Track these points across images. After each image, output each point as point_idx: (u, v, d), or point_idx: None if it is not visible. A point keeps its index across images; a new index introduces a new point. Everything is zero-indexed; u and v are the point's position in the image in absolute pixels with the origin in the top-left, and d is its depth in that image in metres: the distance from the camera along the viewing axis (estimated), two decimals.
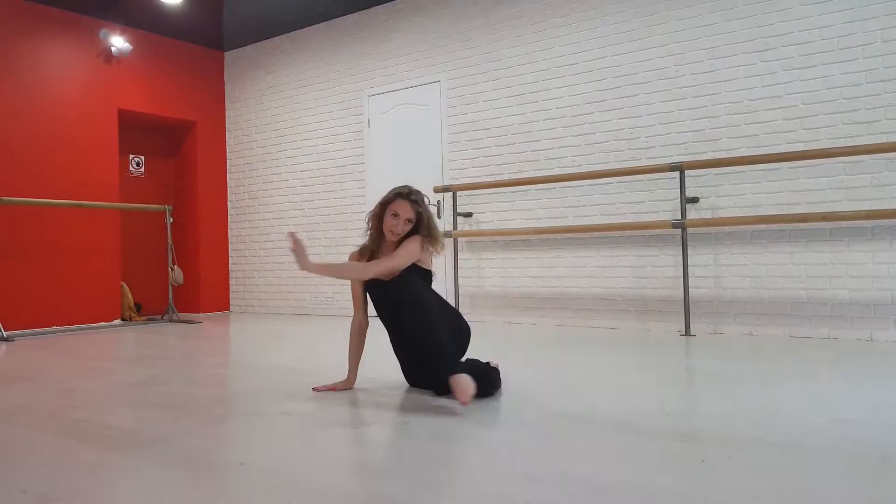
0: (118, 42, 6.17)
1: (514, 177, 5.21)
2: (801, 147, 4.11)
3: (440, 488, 1.54)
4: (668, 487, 1.49)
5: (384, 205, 2.56)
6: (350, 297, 2.74)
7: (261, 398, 2.61)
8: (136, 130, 6.80)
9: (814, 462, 1.64)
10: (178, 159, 7.18)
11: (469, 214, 5.45)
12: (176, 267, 6.32)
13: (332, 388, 2.66)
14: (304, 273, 6.52)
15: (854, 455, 1.69)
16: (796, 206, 4.13)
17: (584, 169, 4.89)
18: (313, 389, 2.65)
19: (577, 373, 3.00)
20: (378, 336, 2.71)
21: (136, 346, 4.44)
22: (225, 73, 7.26)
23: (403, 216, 2.50)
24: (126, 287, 6.37)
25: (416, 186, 2.63)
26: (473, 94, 5.47)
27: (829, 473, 1.56)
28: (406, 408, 2.36)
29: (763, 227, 4.23)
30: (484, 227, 5.40)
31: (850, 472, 1.57)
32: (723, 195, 4.38)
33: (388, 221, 2.51)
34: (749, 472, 1.57)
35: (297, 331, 5.20)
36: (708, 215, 4.41)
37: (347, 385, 2.68)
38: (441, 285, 5.64)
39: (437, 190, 5.45)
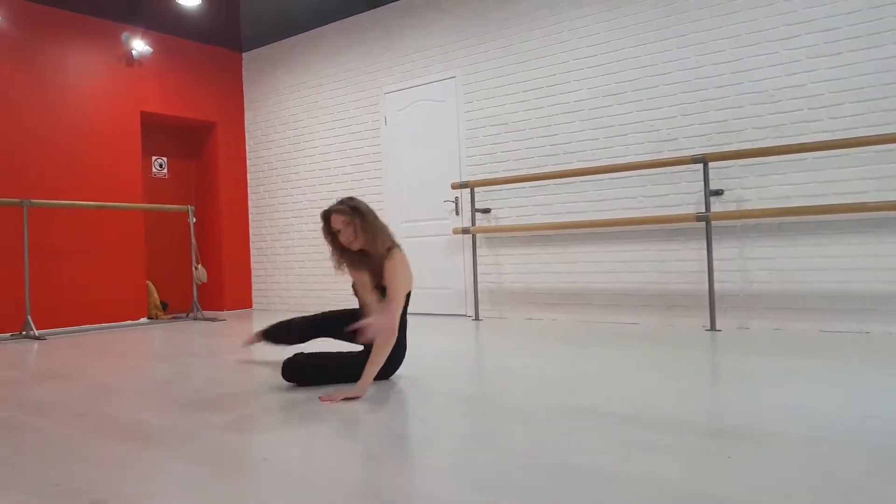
0: (139, 45, 6.25)
1: (532, 172, 5.17)
2: (827, 137, 4.01)
3: (465, 484, 1.52)
4: (694, 483, 1.46)
5: (326, 229, 2.78)
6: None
7: (284, 394, 2.62)
8: (158, 132, 6.88)
9: (842, 458, 1.60)
10: (200, 160, 7.25)
11: (487, 210, 5.42)
12: (199, 266, 6.40)
13: (336, 400, 2.49)
14: (331, 278, 6.55)
15: (884, 451, 1.64)
16: (824, 198, 4.03)
17: (604, 162, 4.83)
18: (320, 399, 2.52)
19: (598, 368, 2.96)
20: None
21: (163, 344, 4.50)
22: (243, 73, 7.31)
23: (343, 229, 2.72)
24: (152, 286, 6.47)
25: (353, 195, 2.98)
26: (490, 88, 5.43)
27: (858, 470, 1.51)
28: (422, 405, 2.35)
29: (790, 219, 4.13)
30: (502, 222, 5.36)
31: (879, 469, 1.52)
32: (748, 187, 4.29)
33: (340, 238, 2.74)
34: (776, 469, 1.54)
35: None
36: (733, 208, 4.33)
37: (356, 394, 2.53)
38: (460, 282, 5.63)
39: (454, 186, 5.43)
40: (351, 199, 2.78)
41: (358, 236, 2.71)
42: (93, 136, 5.97)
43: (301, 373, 2.79)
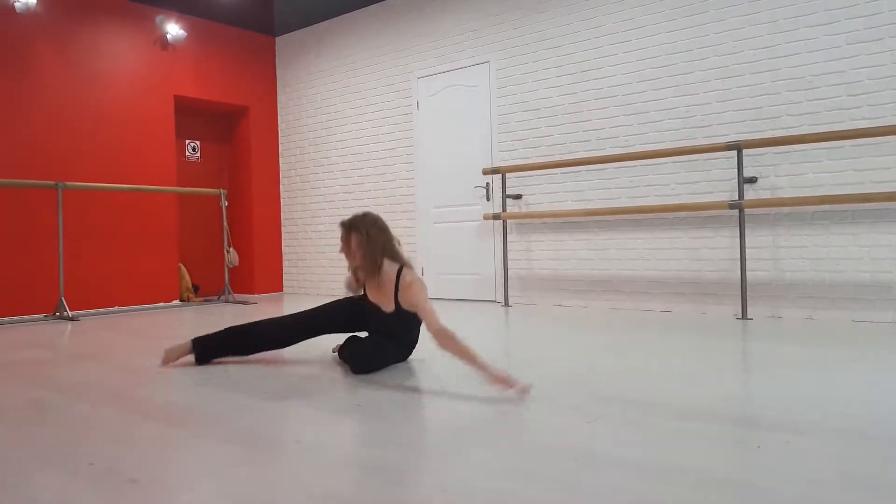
0: (173, 29, 6.33)
1: (564, 158, 5.17)
2: (865, 124, 3.97)
3: (497, 473, 1.58)
4: (723, 472, 1.49)
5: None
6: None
7: (315, 377, 2.69)
8: (191, 116, 6.99)
9: (870, 448, 1.62)
10: (233, 144, 7.35)
11: (518, 196, 5.45)
12: (231, 249, 6.52)
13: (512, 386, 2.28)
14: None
15: None
16: (860, 186, 4.00)
17: (637, 149, 4.82)
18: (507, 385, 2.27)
19: (629, 356, 2.99)
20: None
21: (195, 326, 4.61)
22: (277, 57, 7.37)
23: (342, 244, 2.82)
24: (184, 269, 6.60)
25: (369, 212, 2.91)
26: (523, 73, 5.43)
27: (885, 460, 1.53)
28: (454, 392, 2.40)
29: (825, 207, 4.10)
30: (533, 209, 5.38)
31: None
32: (782, 175, 4.26)
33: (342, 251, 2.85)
34: (807, 458, 1.56)
35: None
36: (767, 195, 4.31)
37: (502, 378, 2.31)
38: (490, 268, 5.67)
39: (485, 172, 5.45)
40: (362, 214, 2.83)
41: (354, 254, 2.77)
42: (127, 119, 6.08)
43: (370, 360, 2.76)
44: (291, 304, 6.16)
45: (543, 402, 2.17)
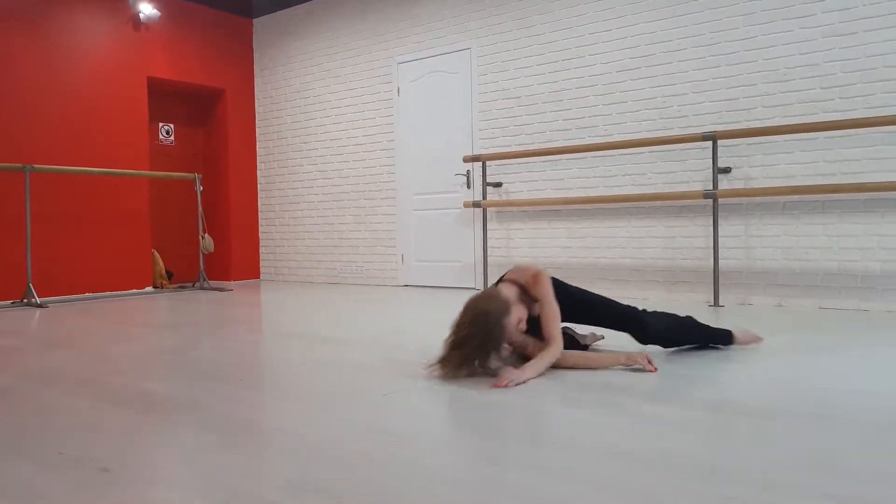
0: (146, 8, 6.20)
1: (544, 146, 5.19)
2: (837, 116, 4.03)
3: (468, 457, 1.59)
4: (692, 456, 1.53)
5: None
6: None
7: (293, 365, 2.68)
8: (165, 98, 6.87)
9: (839, 433, 1.66)
10: (208, 127, 7.25)
11: (499, 184, 5.46)
12: (206, 235, 6.44)
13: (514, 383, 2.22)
14: (340, 250, 6.58)
15: (879, 426, 1.71)
16: (831, 177, 4.07)
17: (616, 138, 4.85)
18: (495, 385, 2.20)
19: (605, 342, 3.03)
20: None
21: (169, 313, 4.56)
22: (254, 40, 7.26)
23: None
24: (157, 255, 6.51)
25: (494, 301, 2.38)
26: (504, 61, 5.42)
27: (854, 444, 1.58)
28: (420, 376, 2.42)
29: (796, 197, 4.18)
30: (513, 196, 5.40)
31: (874, 443, 1.58)
32: (755, 165, 4.33)
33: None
34: (776, 442, 1.60)
35: (328, 299, 5.29)
36: (740, 185, 4.37)
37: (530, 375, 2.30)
38: (470, 255, 5.68)
39: (466, 160, 5.45)
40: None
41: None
42: (98, 101, 5.96)
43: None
44: (269, 292, 6.13)
45: (521, 390, 2.19)
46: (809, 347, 2.85)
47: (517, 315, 2.37)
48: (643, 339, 2.65)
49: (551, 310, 2.44)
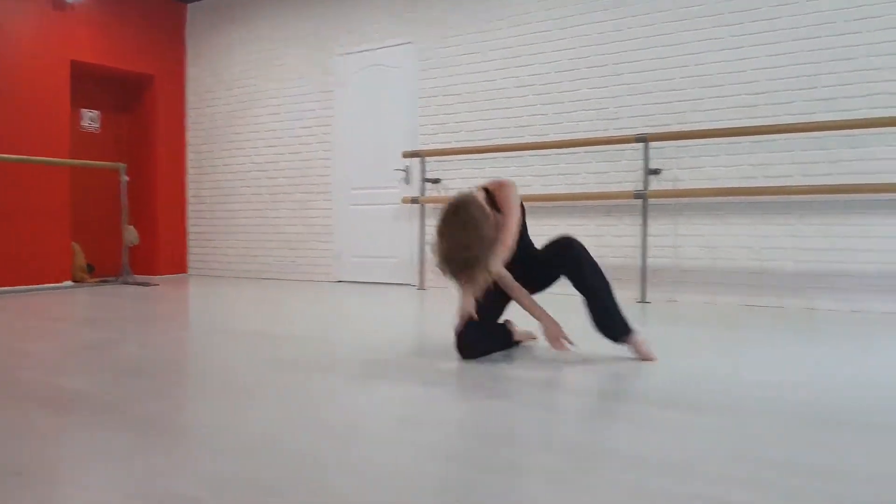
0: None
1: (483, 143, 5.22)
2: (761, 122, 4.23)
3: (414, 453, 1.58)
4: (608, 447, 1.57)
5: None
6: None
7: (218, 361, 2.60)
8: (89, 83, 6.53)
9: (751, 425, 1.74)
10: (135, 115, 6.93)
11: (437, 181, 5.45)
12: (130, 227, 6.16)
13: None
14: (275, 244, 6.41)
15: (789, 416, 1.80)
16: (754, 180, 4.27)
17: (552, 138, 4.93)
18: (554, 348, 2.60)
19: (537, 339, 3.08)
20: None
21: (89, 309, 4.33)
22: (187, 25, 6.99)
23: None
24: (78, 247, 6.19)
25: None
26: (446, 57, 5.42)
27: (764, 435, 1.65)
28: (342, 374, 2.39)
29: (721, 199, 4.36)
30: (452, 193, 5.41)
31: (785, 434, 1.66)
32: (684, 167, 4.49)
33: None
34: (701, 434, 1.66)
35: (261, 295, 5.15)
36: (669, 186, 4.52)
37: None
38: (406, 251, 5.66)
39: (405, 155, 5.42)
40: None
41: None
42: (16, 84, 5.60)
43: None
44: (197, 287, 5.92)
45: (449, 380, 2.19)
46: (730, 342, 2.98)
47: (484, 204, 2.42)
48: (568, 245, 2.72)
49: (513, 221, 2.50)
